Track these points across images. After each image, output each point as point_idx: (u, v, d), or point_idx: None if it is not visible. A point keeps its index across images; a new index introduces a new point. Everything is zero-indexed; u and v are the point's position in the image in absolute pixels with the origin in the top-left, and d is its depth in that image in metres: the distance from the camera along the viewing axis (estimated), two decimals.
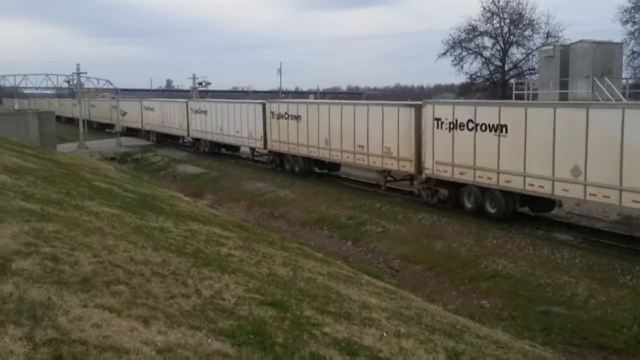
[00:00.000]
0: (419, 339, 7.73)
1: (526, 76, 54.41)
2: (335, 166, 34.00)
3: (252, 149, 39.87)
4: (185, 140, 51.92)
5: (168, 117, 52.96)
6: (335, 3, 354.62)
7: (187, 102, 49.89)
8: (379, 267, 19.91)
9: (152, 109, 57.05)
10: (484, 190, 22.44)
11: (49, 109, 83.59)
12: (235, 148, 44.19)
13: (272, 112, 35.79)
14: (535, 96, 26.29)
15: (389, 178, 28.24)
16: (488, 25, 59.29)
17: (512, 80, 51.40)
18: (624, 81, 26.34)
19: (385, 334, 7.46)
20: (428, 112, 24.56)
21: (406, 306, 10.36)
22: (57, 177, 15.70)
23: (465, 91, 64.48)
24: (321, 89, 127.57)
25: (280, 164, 35.95)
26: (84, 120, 56.96)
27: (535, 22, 57.08)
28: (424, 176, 25.04)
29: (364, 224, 24.32)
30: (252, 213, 28.31)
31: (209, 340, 5.40)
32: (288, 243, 15.94)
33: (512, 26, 58.55)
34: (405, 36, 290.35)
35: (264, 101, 39.44)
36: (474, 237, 20.92)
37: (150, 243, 9.02)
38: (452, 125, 23.30)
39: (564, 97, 23.92)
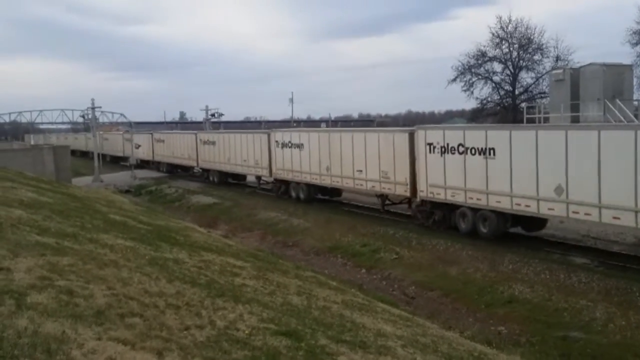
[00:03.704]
0: None
1: (537, 100, 54.44)
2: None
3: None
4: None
5: (340, 156, 31.66)
6: (345, 33, 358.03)
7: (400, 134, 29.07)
8: (394, 294, 19.77)
9: (299, 146, 35.07)
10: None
11: (85, 145, 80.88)
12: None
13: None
14: (546, 120, 26.31)
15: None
16: (497, 50, 59.70)
17: (523, 105, 51.40)
18: (635, 103, 26.28)
19: None
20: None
21: (422, 334, 10.27)
22: (72, 210, 15.83)
23: (476, 116, 64.61)
24: (333, 117, 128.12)
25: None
26: (99, 154, 57.58)
27: (544, 46, 57.41)
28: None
29: (377, 251, 24.22)
30: (266, 242, 28.31)
31: None
32: (302, 272, 15.89)
33: (521, 51, 58.84)
34: (416, 63, 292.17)
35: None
36: (489, 262, 20.76)
37: (165, 274, 9.04)
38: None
39: (575, 120, 23.93)
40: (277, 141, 37.34)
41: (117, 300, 6.79)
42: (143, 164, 62.13)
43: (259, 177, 41.68)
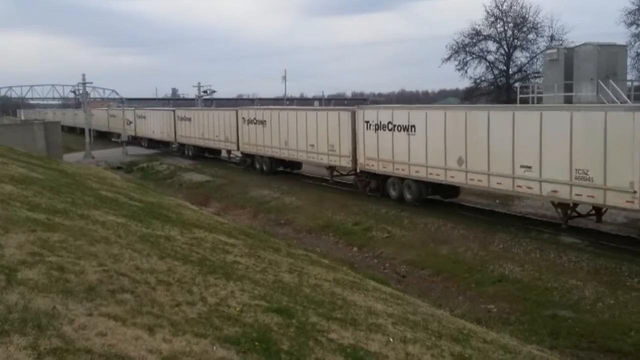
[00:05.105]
0: (425, 344, 7.71)
1: (531, 80, 54.32)
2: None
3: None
4: None
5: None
6: (340, 9, 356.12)
7: None
8: (385, 272, 19.89)
9: (408, 129, 26.04)
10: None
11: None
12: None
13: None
14: (539, 100, 26.32)
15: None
16: (492, 29, 59.35)
17: (517, 84, 51.30)
18: (629, 83, 26.32)
19: (391, 340, 7.44)
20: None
21: (412, 312, 10.33)
22: (63, 186, 15.75)
23: (469, 96, 64.49)
24: (326, 96, 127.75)
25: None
26: (90, 130, 57.09)
27: (539, 25, 57.12)
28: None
29: (369, 229, 24.29)
30: (258, 220, 28.33)
31: (214, 348, 5.40)
32: (294, 250, 15.93)
33: (516, 30, 58.56)
34: (411, 42, 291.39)
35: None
36: (479, 241, 20.87)
37: (156, 251, 9.03)
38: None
39: (568, 100, 23.96)
40: (367, 121, 28.24)
41: (108, 276, 6.77)
42: (160, 145, 57.36)
43: (331, 168, 32.44)
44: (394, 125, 26.47)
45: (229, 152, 45.16)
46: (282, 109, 40.46)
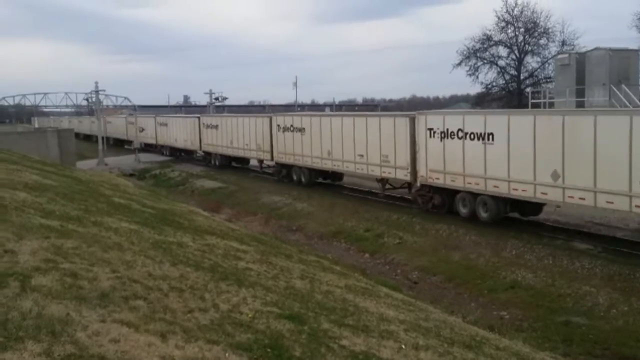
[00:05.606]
0: (437, 351, 7.68)
1: (542, 85, 54.15)
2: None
3: None
4: None
5: None
6: (351, 16, 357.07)
7: None
8: (397, 279, 19.83)
9: (482, 137, 23.13)
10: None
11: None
12: None
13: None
14: (551, 105, 26.23)
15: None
16: (503, 34, 59.27)
17: (528, 90, 51.11)
18: None
19: (403, 347, 7.42)
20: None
21: (425, 318, 10.29)
22: (77, 193, 15.84)
23: (480, 101, 64.37)
24: (337, 102, 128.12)
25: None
26: (103, 138, 57.43)
27: (550, 30, 57.00)
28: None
29: (381, 236, 24.25)
30: (270, 226, 28.35)
31: (227, 354, 5.41)
32: (306, 256, 15.91)
33: (527, 35, 58.42)
34: (421, 47, 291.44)
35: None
36: (492, 247, 20.77)
37: (169, 258, 9.06)
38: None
39: (580, 105, 23.85)
40: (430, 129, 24.87)
41: (121, 283, 6.81)
42: (183, 154, 55.31)
43: (383, 180, 29.26)
44: (465, 133, 23.25)
45: (260, 161, 41.60)
46: (325, 115, 37.65)
